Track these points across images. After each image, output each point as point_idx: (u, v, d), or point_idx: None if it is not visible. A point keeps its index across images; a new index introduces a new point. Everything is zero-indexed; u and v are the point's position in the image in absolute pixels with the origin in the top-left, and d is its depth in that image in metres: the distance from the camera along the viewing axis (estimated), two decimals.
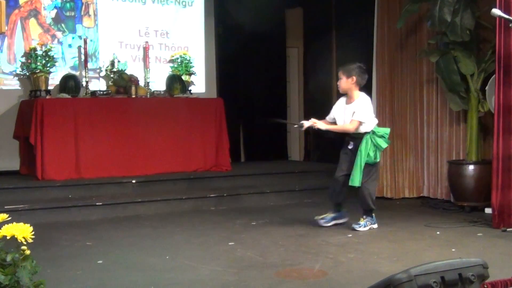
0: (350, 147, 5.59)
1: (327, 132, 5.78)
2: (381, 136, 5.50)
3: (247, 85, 9.78)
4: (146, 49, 8.52)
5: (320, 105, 9.97)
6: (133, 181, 7.16)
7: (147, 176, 7.41)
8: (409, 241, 5.11)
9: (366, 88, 7.90)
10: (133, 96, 7.94)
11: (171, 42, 8.97)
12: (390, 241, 5.09)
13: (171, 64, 8.82)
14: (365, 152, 5.43)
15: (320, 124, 5.61)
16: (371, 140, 5.46)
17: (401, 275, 2.29)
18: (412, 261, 4.18)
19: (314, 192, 7.53)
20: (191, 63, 8.81)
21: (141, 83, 8.26)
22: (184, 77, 8.59)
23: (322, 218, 5.71)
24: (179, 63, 8.76)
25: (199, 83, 9.11)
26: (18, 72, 7.96)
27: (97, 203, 6.48)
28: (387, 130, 5.63)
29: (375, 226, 5.60)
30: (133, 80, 8.09)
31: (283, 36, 10.25)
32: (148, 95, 8.12)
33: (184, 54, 8.85)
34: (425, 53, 6.90)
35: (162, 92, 8.36)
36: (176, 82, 8.34)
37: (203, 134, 8.00)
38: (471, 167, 6.50)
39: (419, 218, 6.09)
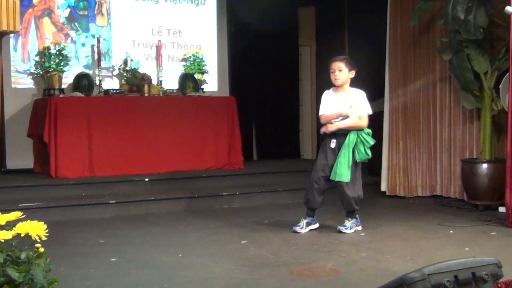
0: (332, 145, 5.33)
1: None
2: (367, 134, 5.28)
3: (259, 83, 9.78)
4: (159, 48, 8.55)
5: None
6: (146, 180, 7.19)
7: (160, 174, 7.44)
8: (422, 240, 5.09)
9: (378, 86, 7.93)
10: (146, 95, 7.98)
11: (183, 40, 8.99)
12: (403, 240, 5.07)
13: (184, 63, 8.85)
14: (351, 147, 5.22)
15: (332, 127, 5.33)
16: (358, 137, 5.26)
17: (414, 274, 2.28)
18: (425, 260, 4.18)
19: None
20: (203, 61, 8.83)
21: (154, 82, 8.29)
22: (196, 76, 8.61)
23: (298, 225, 5.41)
24: (192, 62, 8.79)
25: (212, 82, 9.13)
26: (32, 71, 8.02)
27: (110, 201, 6.50)
28: (368, 130, 5.33)
29: (360, 228, 5.42)
30: (146, 78, 8.12)
31: (295, 35, 10.24)
32: (160, 94, 8.15)
33: (196, 52, 8.87)
34: (438, 51, 6.87)
35: (175, 91, 8.38)
36: (189, 80, 8.37)
37: (216, 132, 8.02)
38: (484, 165, 6.47)
39: (432, 217, 6.07)
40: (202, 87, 8.67)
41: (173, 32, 8.93)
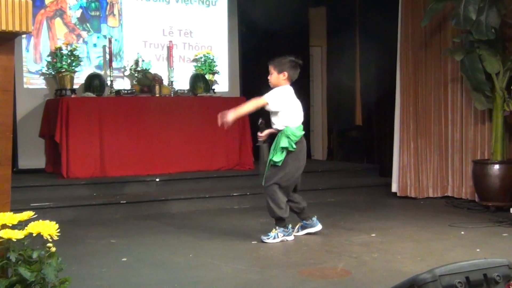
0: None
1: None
2: (287, 136, 5.08)
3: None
4: (170, 48, 8.57)
5: (343, 103, 9.97)
6: (157, 180, 7.21)
7: (171, 174, 7.46)
8: (433, 241, 5.08)
9: (390, 87, 7.91)
10: (157, 95, 8.00)
11: (194, 41, 9.01)
12: (414, 241, 5.06)
13: (195, 63, 8.87)
14: (272, 150, 5.10)
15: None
16: (279, 138, 5.12)
17: (426, 275, 2.28)
18: (437, 261, 4.16)
19: (337, 191, 7.52)
20: (214, 62, 8.84)
21: (165, 82, 8.31)
22: (207, 76, 8.62)
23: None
24: (203, 62, 8.80)
25: (223, 82, 9.14)
26: (44, 71, 8.06)
27: (121, 201, 6.52)
28: (297, 133, 5.13)
29: (290, 238, 5.07)
30: (157, 79, 8.14)
31: (306, 35, 10.23)
32: (172, 94, 8.16)
33: (207, 53, 8.88)
34: (449, 52, 6.84)
35: (186, 91, 8.40)
36: (200, 81, 8.38)
37: (226, 133, 7.99)
38: (496, 166, 6.44)
39: (444, 218, 6.05)
40: (213, 87, 8.68)
41: (184, 32, 8.95)
